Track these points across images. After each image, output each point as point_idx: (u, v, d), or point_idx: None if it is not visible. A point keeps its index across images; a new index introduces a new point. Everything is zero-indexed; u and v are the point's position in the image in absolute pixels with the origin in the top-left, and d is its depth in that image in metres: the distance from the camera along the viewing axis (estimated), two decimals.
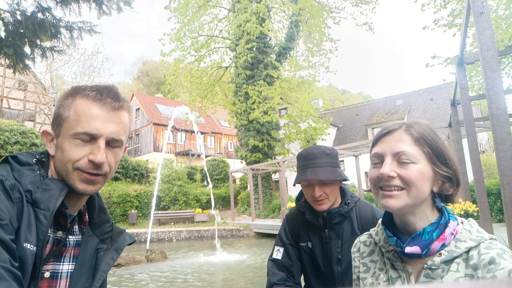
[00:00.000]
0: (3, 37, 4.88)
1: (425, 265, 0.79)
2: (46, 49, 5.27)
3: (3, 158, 0.85)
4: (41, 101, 24.55)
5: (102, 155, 0.82)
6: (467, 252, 0.76)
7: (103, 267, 0.90)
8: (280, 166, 14.61)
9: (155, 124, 28.82)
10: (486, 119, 7.13)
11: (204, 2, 18.16)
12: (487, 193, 8.26)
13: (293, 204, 12.35)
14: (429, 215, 0.82)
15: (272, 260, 1.65)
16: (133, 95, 31.92)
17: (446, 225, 0.79)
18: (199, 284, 6.63)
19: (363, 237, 1.01)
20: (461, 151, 6.03)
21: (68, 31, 5.20)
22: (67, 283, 0.87)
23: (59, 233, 0.86)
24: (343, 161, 19.57)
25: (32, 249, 0.74)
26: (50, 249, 0.84)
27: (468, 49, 9.20)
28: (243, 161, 19.11)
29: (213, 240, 13.34)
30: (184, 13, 17.99)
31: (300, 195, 1.70)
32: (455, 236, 0.78)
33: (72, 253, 0.89)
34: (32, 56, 5.24)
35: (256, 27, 15.72)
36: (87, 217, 0.95)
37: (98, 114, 0.83)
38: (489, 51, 2.39)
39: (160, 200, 17.29)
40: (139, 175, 19.43)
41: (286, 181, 16.19)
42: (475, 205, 7.19)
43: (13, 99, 24.27)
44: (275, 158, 17.48)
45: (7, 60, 5.08)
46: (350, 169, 16.75)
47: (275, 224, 13.72)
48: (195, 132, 11.89)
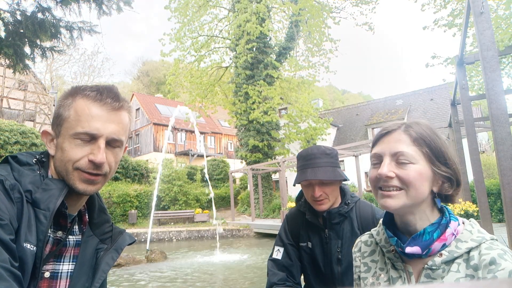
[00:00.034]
0: (3, 37, 4.88)
1: (426, 265, 0.79)
2: (46, 49, 5.27)
3: (3, 158, 0.85)
4: (41, 101, 24.55)
5: (102, 155, 0.82)
6: (468, 252, 0.75)
7: (103, 267, 0.90)
8: (280, 166, 14.61)
9: (155, 124, 28.82)
10: (486, 119, 7.14)
11: (204, 2, 18.16)
12: (487, 193, 8.25)
13: (293, 204, 12.35)
14: (429, 215, 0.82)
15: (272, 260, 1.65)
16: (133, 95, 31.93)
17: (447, 226, 0.79)
18: (199, 284, 6.63)
19: (364, 237, 1.01)
20: (461, 151, 6.03)
21: (68, 31, 5.20)
22: (67, 283, 0.87)
23: (59, 233, 0.86)
24: (343, 161, 19.57)
25: (32, 249, 0.74)
26: (50, 249, 0.84)
27: (468, 49, 9.20)
28: (243, 161, 19.11)
29: (213, 240, 13.36)
30: (184, 13, 17.99)
31: (300, 195, 1.70)
32: (456, 237, 0.78)
33: (72, 253, 0.89)
34: (32, 56, 5.24)
35: (256, 27, 15.72)
36: (87, 217, 0.95)
37: (98, 114, 0.83)
38: (489, 51, 2.39)
39: (160, 200, 17.29)
40: (139, 175, 19.43)
41: (286, 181, 16.19)
42: (475, 205, 7.19)
43: (13, 99, 24.27)
44: (275, 158, 17.48)
45: (7, 60, 5.08)
46: (350, 169, 16.76)
47: (275, 224, 13.72)
48: (195, 132, 11.87)
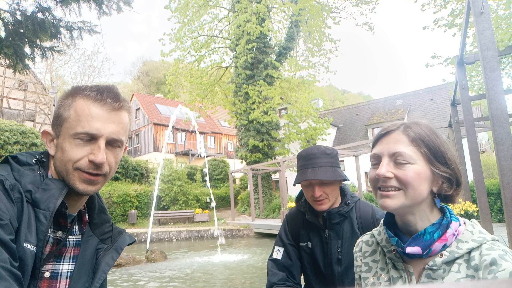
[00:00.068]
0: (3, 37, 4.88)
1: (427, 266, 0.79)
2: (46, 49, 5.27)
3: (3, 158, 0.85)
4: (41, 101, 24.55)
5: (103, 155, 0.82)
6: (469, 253, 0.75)
7: (103, 267, 0.90)
8: (280, 166, 14.61)
9: (155, 124, 28.82)
10: (486, 119, 7.14)
11: (204, 2, 18.16)
12: (487, 193, 8.26)
13: (293, 204, 12.35)
14: (429, 215, 0.82)
15: (272, 260, 1.64)
16: (133, 95, 31.92)
17: (447, 226, 0.79)
18: (199, 284, 6.63)
19: (366, 236, 1.01)
20: (461, 151, 6.04)
21: (68, 31, 5.19)
22: (67, 283, 0.87)
23: (59, 233, 0.86)
24: (343, 161, 19.57)
25: (32, 249, 0.74)
26: (50, 249, 0.84)
27: (468, 49, 9.20)
28: (243, 161, 19.11)
29: (213, 240, 13.35)
30: (184, 13, 17.99)
31: (300, 195, 1.70)
32: (456, 237, 0.78)
33: (72, 253, 0.89)
34: (32, 56, 5.23)
35: (256, 27, 15.72)
36: (87, 217, 0.95)
37: (99, 114, 0.83)
38: (489, 51, 2.39)
39: (160, 200, 17.29)
40: (139, 175, 19.43)
41: (286, 181, 16.19)
42: (475, 205, 7.19)
43: (13, 99, 24.27)
44: (275, 158, 17.47)
45: (7, 60, 5.08)
46: (350, 169, 16.76)
47: (275, 224, 13.72)
48: (195, 127, 11.86)
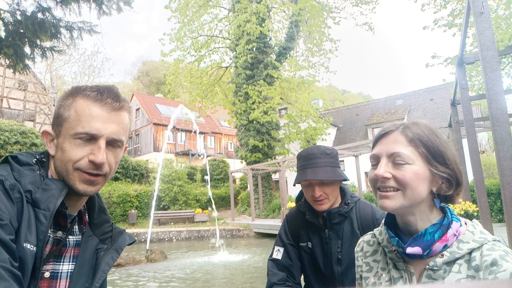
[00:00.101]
0: (3, 37, 4.88)
1: (427, 266, 0.78)
2: (46, 49, 5.26)
3: (3, 158, 0.85)
4: (41, 101, 24.55)
5: (103, 155, 0.82)
6: (470, 253, 0.75)
7: (103, 267, 0.90)
8: (280, 166, 14.61)
9: (155, 124, 28.82)
10: (486, 119, 7.14)
11: (204, 2, 18.15)
12: (487, 193, 8.25)
13: (293, 204, 12.35)
14: (430, 215, 0.82)
15: (272, 260, 1.64)
16: (133, 95, 31.92)
17: (448, 226, 0.79)
18: (199, 284, 6.63)
19: (367, 236, 1.01)
20: (461, 151, 6.03)
21: (68, 31, 5.19)
22: (67, 283, 0.87)
23: (59, 233, 0.86)
24: (343, 161, 19.57)
25: (32, 249, 0.74)
26: (50, 249, 0.84)
27: (468, 49, 9.20)
28: (243, 161, 19.10)
29: (213, 240, 13.35)
30: (184, 13, 17.99)
31: (300, 195, 1.70)
32: (457, 237, 0.78)
33: (72, 253, 0.89)
34: (32, 56, 5.23)
35: (256, 28, 15.71)
36: (87, 217, 0.95)
37: (99, 114, 0.83)
38: (489, 51, 2.39)
39: (160, 200, 17.28)
40: (139, 175, 19.43)
41: (286, 181, 16.19)
42: (475, 205, 7.19)
43: (13, 99, 24.27)
44: (275, 158, 17.47)
45: (7, 60, 5.08)
46: (350, 169, 16.76)
47: (275, 224, 13.72)
48: (196, 132, 11.87)
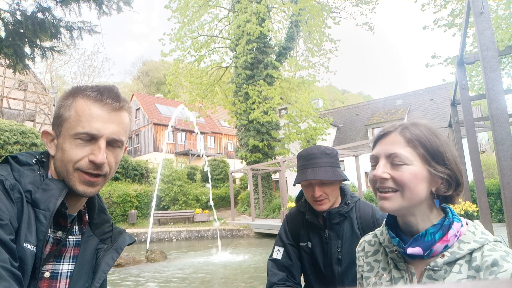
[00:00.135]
0: (3, 37, 4.88)
1: (428, 266, 0.78)
2: (46, 49, 5.26)
3: (3, 158, 0.85)
4: (41, 101, 24.56)
5: (103, 156, 0.82)
6: (470, 253, 0.75)
7: (103, 267, 0.90)
8: (280, 166, 14.61)
9: (155, 124, 28.82)
10: (486, 119, 7.13)
11: (204, 2, 18.15)
12: (487, 193, 8.26)
13: (293, 204, 12.35)
14: (430, 216, 0.82)
15: (272, 260, 1.64)
16: (133, 95, 31.92)
17: (449, 227, 0.79)
18: (199, 284, 6.63)
19: (368, 236, 1.01)
20: (461, 151, 6.03)
21: (68, 31, 5.18)
22: (67, 283, 0.87)
23: (59, 233, 0.86)
24: (343, 161, 19.57)
25: (32, 249, 0.74)
26: (50, 249, 0.84)
27: (468, 49, 9.20)
28: (243, 161, 19.10)
29: (213, 240, 13.35)
30: (184, 13, 17.99)
31: (300, 195, 1.70)
32: (458, 238, 0.78)
33: (72, 253, 0.89)
34: (32, 56, 5.23)
35: (256, 28, 15.71)
36: (87, 217, 0.95)
37: (99, 114, 0.83)
38: (489, 51, 2.39)
39: (160, 200, 17.28)
40: (139, 175, 19.43)
41: (286, 181, 16.19)
42: (475, 205, 7.19)
43: (13, 99, 24.28)
44: (275, 158, 17.48)
45: (7, 60, 5.07)
46: (350, 169, 16.76)
47: (275, 224, 13.72)
48: (196, 133, 11.87)
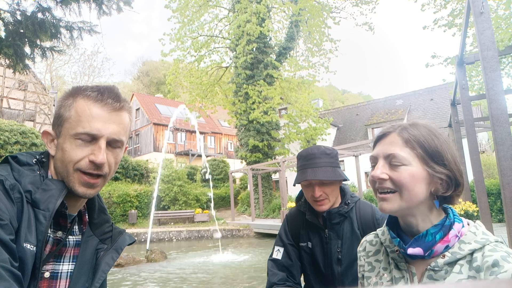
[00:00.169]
0: (3, 37, 4.88)
1: (429, 267, 0.79)
2: (46, 49, 5.26)
3: (3, 158, 0.85)
4: (41, 101, 24.56)
5: (103, 156, 0.82)
6: (471, 254, 0.75)
7: (103, 267, 0.90)
8: (280, 166, 14.61)
9: (155, 124, 28.82)
10: (486, 119, 7.13)
11: (204, 2, 18.14)
12: (487, 193, 8.26)
13: (293, 204, 12.35)
14: (431, 216, 0.82)
15: (272, 260, 1.64)
16: (133, 95, 31.92)
17: (450, 227, 0.79)
18: (199, 284, 6.63)
19: (370, 236, 1.01)
20: (461, 151, 6.03)
21: (68, 31, 5.19)
22: (67, 283, 0.87)
23: (59, 233, 0.86)
24: (343, 161, 19.57)
25: (32, 249, 0.74)
26: (50, 249, 0.84)
27: (468, 49, 9.20)
28: (243, 161, 19.10)
29: (213, 240, 13.35)
30: (184, 13, 17.99)
31: (300, 195, 1.70)
32: (459, 238, 0.78)
33: (72, 253, 0.89)
34: (32, 56, 5.23)
35: (256, 28, 15.71)
36: (87, 217, 0.96)
37: (99, 114, 0.83)
38: (489, 51, 2.39)
39: (160, 200, 17.28)
40: (139, 175, 19.42)
41: (286, 181, 16.19)
42: (475, 205, 7.19)
43: (13, 99, 24.27)
44: (275, 158, 17.47)
45: (7, 60, 5.07)
46: (350, 169, 16.76)
47: (275, 224, 13.72)
48: (196, 132, 11.88)
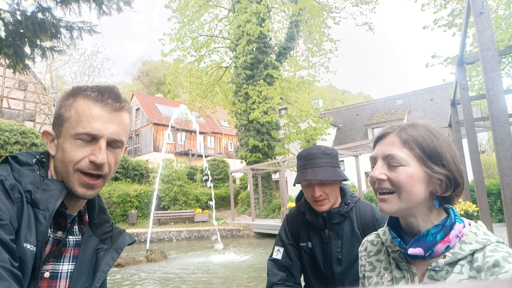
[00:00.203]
0: (3, 37, 4.88)
1: (429, 267, 0.78)
2: (46, 49, 5.26)
3: (3, 158, 0.85)
4: (41, 101, 24.56)
5: (103, 156, 0.82)
6: (472, 254, 0.75)
7: (103, 267, 0.90)
8: (280, 166, 14.61)
9: (155, 124, 28.81)
10: (486, 119, 7.13)
11: (204, 2, 18.14)
12: (487, 193, 8.26)
13: (293, 204, 12.35)
14: (431, 216, 0.81)
15: (272, 260, 1.64)
16: (133, 95, 31.92)
17: (451, 227, 0.79)
18: (199, 284, 6.63)
19: (371, 236, 1.02)
20: (461, 151, 6.03)
21: (68, 31, 5.18)
22: (67, 283, 0.87)
23: (59, 233, 0.86)
24: (343, 161, 19.57)
25: (32, 249, 0.74)
26: (50, 249, 0.84)
27: (468, 49, 9.20)
28: (243, 161, 19.10)
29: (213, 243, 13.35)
30: (184, 13, 17.98)
31: (300, 195, 1.70)
32: (460, 239, 0.78)
33: (72, 253, 0.89)
34: (32, 56, 5.23)
35: (256, 28, 15.71)
36: (87, 217, 0.95)
37: (99, 114, 0.83)
38: (489, 51, 2.39)
39: (160, 200, 17.28)
40: (139, 175, 19.42)
41: (286, 181, 16.19)
42: (475, 205, 7.19)
43: (13, 99, 24.27)
44: (275, 158, 17.47)
45: (7, 60, 5.07)
46: (350, 169, 16.76)
47: (275, 224, 13.72)
48: (196, 132, 11.89)
